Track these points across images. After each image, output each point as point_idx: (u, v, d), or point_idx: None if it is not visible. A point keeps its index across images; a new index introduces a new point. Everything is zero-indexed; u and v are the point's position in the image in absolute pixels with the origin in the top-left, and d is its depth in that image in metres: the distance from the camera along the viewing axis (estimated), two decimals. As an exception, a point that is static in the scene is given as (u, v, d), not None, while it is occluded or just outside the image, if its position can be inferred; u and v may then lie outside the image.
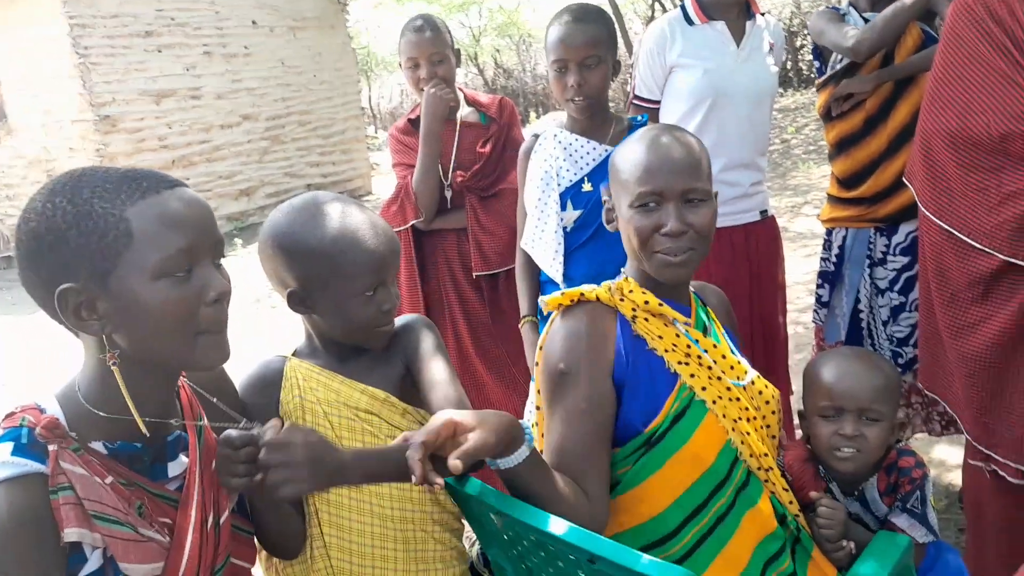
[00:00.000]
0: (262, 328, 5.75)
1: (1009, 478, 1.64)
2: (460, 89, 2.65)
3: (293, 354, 1.42)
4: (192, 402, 1.21)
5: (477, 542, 1.48)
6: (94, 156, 8.51)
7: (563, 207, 2.08)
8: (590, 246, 2.08)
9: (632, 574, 0.97)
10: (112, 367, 1.02)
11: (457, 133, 2.57)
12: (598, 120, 2.10)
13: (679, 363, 1.30)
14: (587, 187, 2.08)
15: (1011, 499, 1.70)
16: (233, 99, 9.84)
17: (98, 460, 1.03)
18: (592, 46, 1.95)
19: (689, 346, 1.32)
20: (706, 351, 1.34)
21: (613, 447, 1.27)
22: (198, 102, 9.47)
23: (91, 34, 8.40)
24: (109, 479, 1.03)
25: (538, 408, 1.39)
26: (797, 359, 3.03)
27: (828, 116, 2.39)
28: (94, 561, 1.00)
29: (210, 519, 1.13)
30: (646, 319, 1.32)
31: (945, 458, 2.66)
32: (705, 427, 1.28)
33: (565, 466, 1.24)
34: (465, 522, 1.44)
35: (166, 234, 0.99)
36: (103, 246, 0.97)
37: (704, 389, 1.29)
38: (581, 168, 2.09)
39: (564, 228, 2.08)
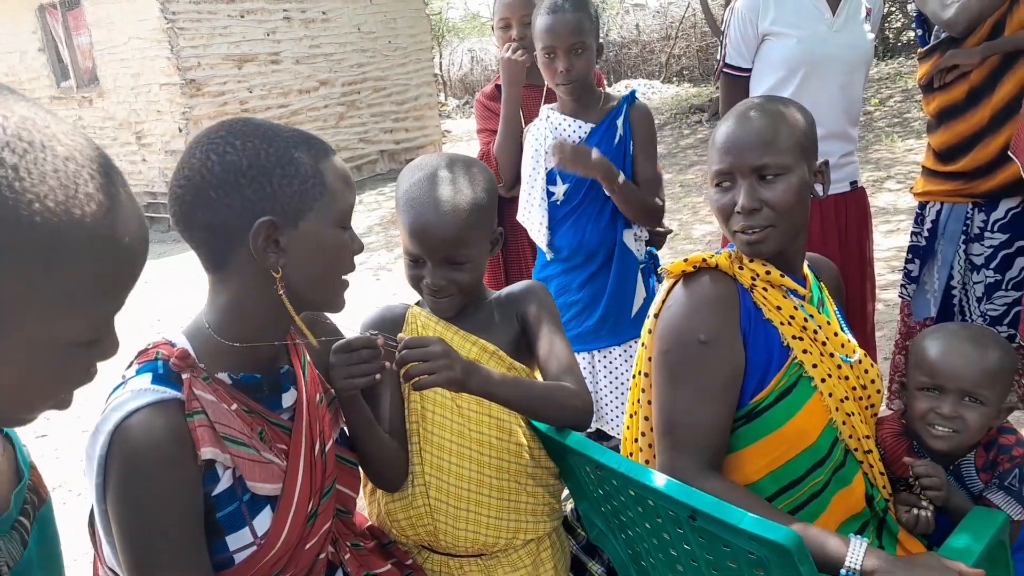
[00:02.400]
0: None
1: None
2: (550, 55, 2.67)
3: (416, 304, 1.50)
4: (295, 340, 1.30)
5: (571, 498, 1.53)
6: (180, 119, 8.79)
7: (552, 181, 2.25)
8: (575, 217, 2.24)
9: (735, 531, 1.00)
10: (281, 295, 1.11)
11: (543, 100, 2.59)
12: (585, 101, 2.24)
13: (793, 337, 1.29)
14: None
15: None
16: (311, 64, 10.00)
17: (224, 389, 1.13)
18: (577, 33, 2.09)
19: (806, 320, 1.31)
20: (820, 327, 1.32)
21: None
22: (277, 67, 9.66)
23: (178, 0, 8.64)
24: (234, 406, 1.12)
25: (644, 375, 1.40)
26: (878, 336, 2.97)
27: (929, 87, 2.31)
28: (225, 480, 1.09)
29: (316, 446, 1.22)
30: (764, 289, 1.31)
31: (1034, 441, 2.59)
32: (811, 405, 1.27)
33: (694, 441, 1.24)
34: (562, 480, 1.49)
35: (345, 190, 1.15)
36: (303, 190, 1.09)
37: (815, 366, 1.28)
38: None
39: (556, 201, 2.24)
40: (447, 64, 20.23)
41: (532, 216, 2.27)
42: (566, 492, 1.55)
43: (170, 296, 6.18)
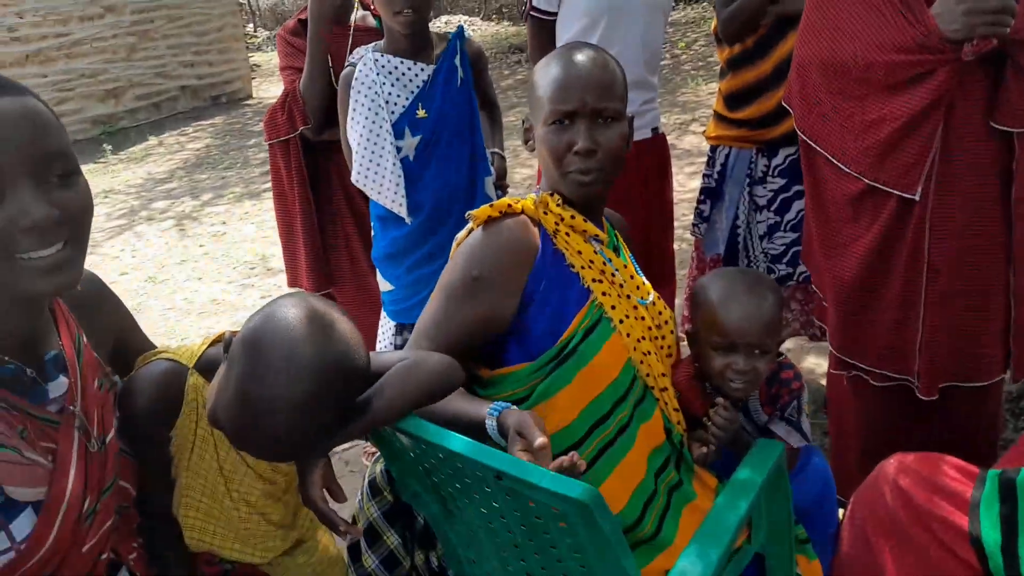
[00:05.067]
0: (126, 245, 5.42)
1: (873, 382, 1.80)
2: (355, -9, 2.53)
3: (195, 365, 1.26)
4: (69, 321, 1.14)
5: (380, 460, 1.50)
6: (-70, 47, 7.60)
7: (400, 135, 2.07)
8: (434, 169, 2.09)
9: (535, 489, 1.02)
10: None
11: (351, 37, 2.45)
12: (422, 39, 2.09)
13: (593, 280, 1.34)
14: (421, 113, 2.08)
15: (868, 403, 1.88)
16: (92, -12, 8.94)
17: None
18: None
19: (604, 264, 1.36)
20: (617, 270, 1.38)
21: (522, 361, 1.31)
22: (52, -10, 8.55)
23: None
24: None
25: None
26: (680, 275, 3.17)
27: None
28: None
29: (94, 440, 1.09)
30: (567, 234, 1.35)
31: (813, 367, 2.89)
32: (611, 344, 1.33)
33: (429, 342, 1.30)
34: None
35: None
36: None
37: (613, 308, 1.34)
38: (411, 92, 2.07)
39: (407, 157, 2.06)
40: (255, -7, 18.86)
41: (381, 178, 2.08)
42: (377, 453, 1.51)
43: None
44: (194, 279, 4.65)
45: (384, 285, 2.29)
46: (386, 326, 2.35)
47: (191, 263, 4.97)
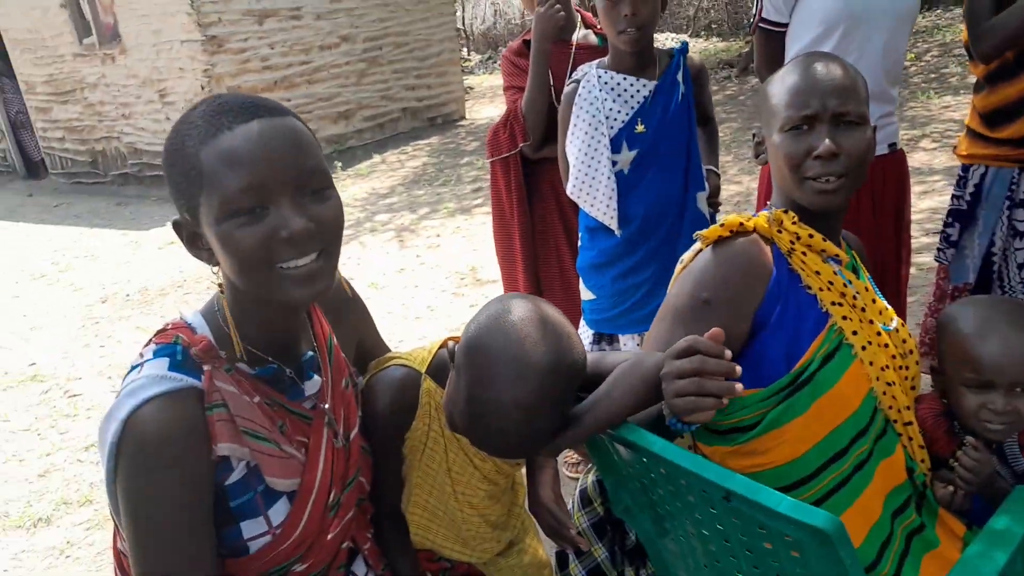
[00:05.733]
0: (352, 254, 5.88)
1: None
2: (578, 11, 2.60)
3: (427, 370, 1.32)
4: (323, 324, 1.25)
5: (593, 470, 1.51)
6: (202, 77, 8.73)
7: (618, 149, 2.06)
8: (646, 183, 2.08)
9: (770, 514, 0.97)
10: (220, 295, 1.08)
11: (572, 56, 2.52)
12: (645, 56, 2.07)
13: (833, 303, 1.26)
14: (640, 128, 2.07)
15: None
16: (332, 20, 9.84)
17: (246, 380, 1.09)
18: None
19: (845, 286, 1.28)
20: (858, 293, 1.29)
21: (753, 387, 1.25)
22: (298, 23, 9.52)
23: (198, -46, 8.51)
24: (257, 398, 1.08)
25: None
26: (910, 301, 2.90)
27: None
28: (239, 471, 1.06)
29: (340, 436, 1.19)
30: (803, 253, 1.28)
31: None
32: (852, 372, 1.24)
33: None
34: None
35: (227, 174, 0.94)
36: (187, 185, 0.98)
37: (855, 333, 1.25)
38: (632, 108, 2.07)
39: (621, 171, 2.05)
40: (470, 18, 19.88)
41: (596, 191, 2.11)
42: (582, 463, 1.52)
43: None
44: (411, 287, 4.97)
45: (586, 294, 2.32)
46: (584, 335, 2.38)
47: (408, 272, 5.31)
